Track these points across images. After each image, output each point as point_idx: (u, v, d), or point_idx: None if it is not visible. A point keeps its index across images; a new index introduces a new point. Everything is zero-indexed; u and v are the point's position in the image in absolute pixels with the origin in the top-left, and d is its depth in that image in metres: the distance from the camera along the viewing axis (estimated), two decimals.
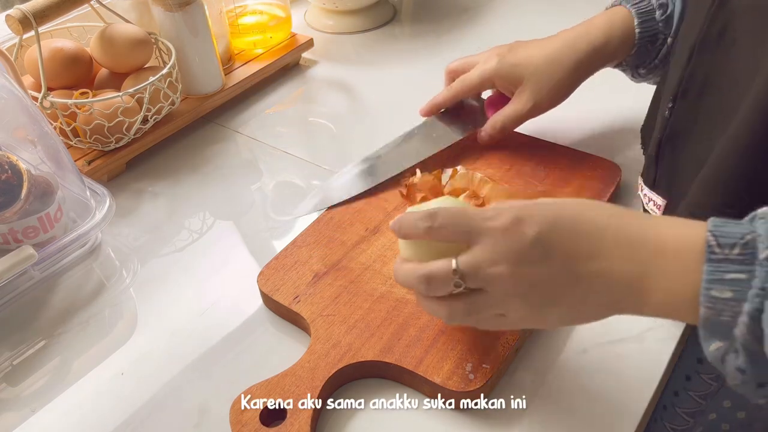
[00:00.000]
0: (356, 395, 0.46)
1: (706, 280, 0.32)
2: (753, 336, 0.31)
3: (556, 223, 0.37)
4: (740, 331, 0.32)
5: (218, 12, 0.77)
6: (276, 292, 0.51)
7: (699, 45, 0.44)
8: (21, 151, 0.58)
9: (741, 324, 0.32)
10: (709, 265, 0.32)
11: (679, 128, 0.47)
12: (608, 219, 0.37)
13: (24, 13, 0.59)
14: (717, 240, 0.32)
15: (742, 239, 0.32)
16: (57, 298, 0.56)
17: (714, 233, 0.33)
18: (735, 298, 0.32)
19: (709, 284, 0.32)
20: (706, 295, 0.32)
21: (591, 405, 0.45)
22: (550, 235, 0.37)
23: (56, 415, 0.47)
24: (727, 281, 0.32)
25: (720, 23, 0.42)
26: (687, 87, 0.45)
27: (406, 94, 0.81)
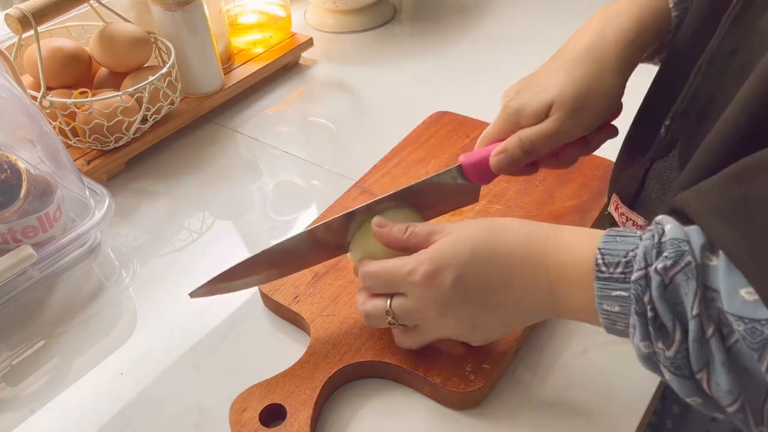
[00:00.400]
0: (356, 395, 0.46)
1: (597, 296, 0.35)
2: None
3: (468, 264, 0.40)
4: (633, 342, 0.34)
5: (218, 11, 0.77)
6: (276, 292, 0.51)
7: (707, 63, 0.42)
8: (20, 150, 0.58)
9: (631, 335, 0.34)
10: (597, 283, 0.35)
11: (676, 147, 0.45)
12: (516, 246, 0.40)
13: (23, 13, 0.59)
14: (603, 259, 0.35)
15: (625, 257, 0.34)
16: (56, 297, 0.56)
17: (602, 251, 0.35)
18: (623, 312, 0.34)
19: (600, 300, 0.35)
20: (600, 309, 0.35)
21: (591, 405, 0.45)
22: (465, 278, 0.40)
23: (56, 415, 0.47)
24: (613, 297, 0.34)
25: (732, 44, 0.40)
26: (688, 107, 0.43)
27: (406, 94, 0.81)
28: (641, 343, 0.33)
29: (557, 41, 0.93)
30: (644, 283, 0.32)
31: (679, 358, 0.31)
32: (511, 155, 0.47)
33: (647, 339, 0.32)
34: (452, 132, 0.68)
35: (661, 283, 0.31)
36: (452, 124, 0.69)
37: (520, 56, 0.87)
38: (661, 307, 0.31)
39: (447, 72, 0.84)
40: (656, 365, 0.33)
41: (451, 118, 0.70)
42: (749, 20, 0.39)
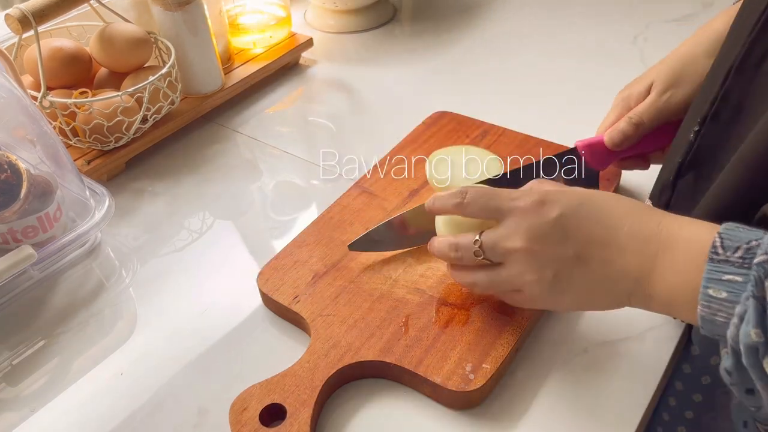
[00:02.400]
0: (356, 395, 0.46)
1: (706, 278, 0.33)
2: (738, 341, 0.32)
3: (578, 209, 0.40)
4: (731, 333, 0.32)
5: (218, 11, 0.77)
6: (276, 292, 0.51)
7: (737, 67, 0.41)
8: (20, 150, 0.57)
9: (732, 326, 0.32)
10: (709, 264, 0.33)
11: (705, 154, 0.44)
12: (627, 213, 0.39)
13: (23, 13, 0.59)
14: (722, 242, 0.33)
15: (747, 244, 0.33)
16: (56, 297, 0.56)
17: (722, 235, 0.34)
18: (729, 300, 0.32)
19: (707, 282, 0.33)
20: (704, 294, 0.33)
21: (591, 405, 0.45)
22: (570, 219, 0.40)
23: (56, 414, 0.47)
24: (723, 282, 0.33)
25: (762, 47, 0.40)
26: (719, 110, 0.43)
27: (406, 94, 0.81)
28: (753, 331, 0.30)
29: (557, 41, 0.94)
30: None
31: None
32: (621, 129, 0.53)
33: (761, 326, 0.30)
34: (452, 132, 0.68)
35: None
36: (452, 124, 0.69)
37: (520, 56, 0.87)
38: None
39: (447, 72, 0.84)
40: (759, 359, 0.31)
41: (451, 118, 0.70)
42: None
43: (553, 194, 0.41)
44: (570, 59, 0.85)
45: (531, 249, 0.40)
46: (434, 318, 0.48)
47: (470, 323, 0.48)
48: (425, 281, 0.51)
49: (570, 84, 0.80)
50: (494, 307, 0.49)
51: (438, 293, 0.50)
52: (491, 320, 0.48)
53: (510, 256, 0.42)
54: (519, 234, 0.41)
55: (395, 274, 0.52)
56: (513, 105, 0.77)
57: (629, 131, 0.53)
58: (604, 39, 0.88)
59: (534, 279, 0.41)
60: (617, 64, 0.83)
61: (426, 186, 0.60)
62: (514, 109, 0.75)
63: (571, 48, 0.87)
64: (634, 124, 0.53)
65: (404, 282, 0.51)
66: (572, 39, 0.89)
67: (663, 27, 0.89)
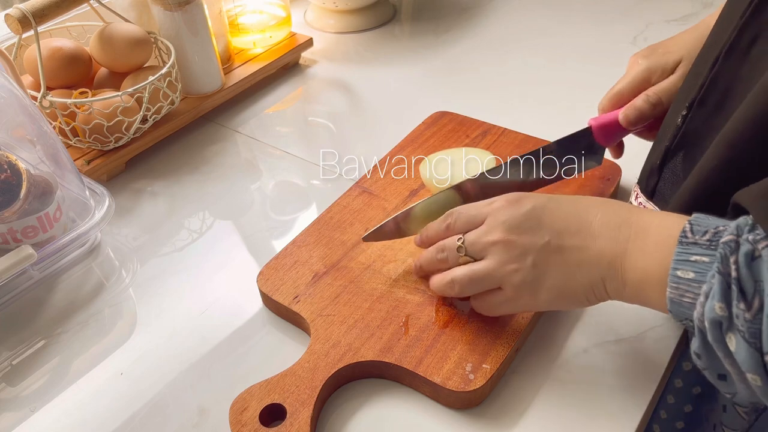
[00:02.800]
0: (356, 395, 0.46)
1: (674, 260, 0.34)
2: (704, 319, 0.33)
3: (549, 201, 0.43)
4: (697, 313, 0.33)
5: (218, 11, 0.77)
6: (276, 292, 0.51)
7: (726, 52, 0.42)
8: (20, 150, 0.57)
9: (698, 305, 0.33)
10: (679, 247, 0.34)
11: (692, 138, 0.45)
12: (598, 205, 0.41)
13: (23, 13, 0.59)
14: (692, 227, 0.35)
15: (715, 229, 0.34)
16: (56, 297, 0.56)
17: (692, 222, 0.35)
18: (696, 280, 0.33)
19: (676, 264, 0.34)
20: (672, 275, 0.34)
21: (591, 405, 0.45)
22: (543, 210, 0.42)
23: (55, 415, 0.47)
24: (691, 262, 0.34)
25: (752, 33, 0.40)
26: (706, 95, 0.43)
27: (406, 94, 0.81)
28: (717, 304, 0.32)
29: (557, 41, 0.94)
30: (734, 246, 0.32)
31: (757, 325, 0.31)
32: (638, 108, 0.51)
33: (725, 300, 0.31)
34: (452, 132, 0.68)
35: (750, 252, 0.31)
36: (452, 124, 0.69)
37: (520, 56, 0.87)
38: (745, 273, 0.31)
39: (446, 72, 0.84)
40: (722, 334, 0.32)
41: (450, 118, 0.70)
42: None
43: (526, 194, 0.44)
44: (570, 59, 0.85)
45: (508, 239, 0.42)
46: (434, 318, 0.48)
47: (470, 323, 0.48)
48: (425, 281, 0.51)
49: (570, 84, 0.80)
50: None
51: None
52: (491, 320, 0.48)
53: (490, 248, 0.43)
54: (497, 227, 0.43)
55: (395, 274, 0.52)
56: (513, 105, 0.77)
57: (646, 110, 0.51)
58: (604, 39, 0.88)
59: (514, 268, 0.42)
60: (617, 64, 0.82)
61: (425, 186, 0.60)
62: (514, 108, 0.75)
63: (571, 48, 0.87)
64: (652, 104, 0.50)
65: (404, 282, 0.51)
66: (572, 39, 0.89)
67: (663, 27, 0.89)
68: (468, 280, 0.45)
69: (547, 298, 0.42)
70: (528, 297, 0.43)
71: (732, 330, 0.32)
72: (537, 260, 0.41)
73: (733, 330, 0.31)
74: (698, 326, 0.33)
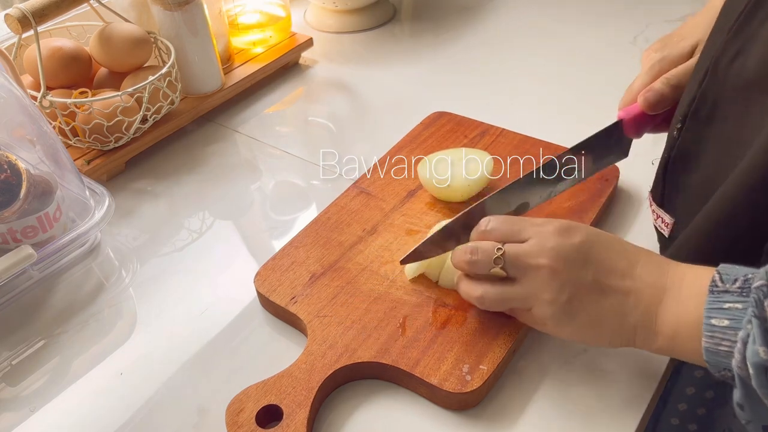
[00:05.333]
0: (353, 397, 0.47)
1: (707, 309, 0.34)
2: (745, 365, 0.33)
3: (600, 237, 0.42)
4: (736, 361, 0.33)
5: (218, 11, 0.77)
6: (273, 292, 0.51)
7: (714, 64, 0.41)
8: (20, 150, 0.58)
9: (737, 353, 0.33)
10: (710, 296, 0.35)
11: (688, 150, 0.45)
12: (640, 249, 0.42)
13: (23, 12, 0.59)
14: (721, 276, 0.35)
15: (745, 276, 0.34)
16: (56, 297, 0.56)
17: (720, 271, 0.35)
18: (731, 327, 0.33)
19: (709, 312, 0.34)
20: (707, 324, 0.34)
21: (590, 406, 0.45)
22: (593, 246, 0.41)
23: (55, 414, 0.47)
24: (725, 310, 0.34)
25: (736, 46, 0.40)
26: (698, 107, 0.43)
27: (406, 94, 0.81)
28: (761, 349, 0.31)
29: (557, 41, 0.94)
30: (766, 290, 0.32)
31: None
32: (657, 90, 0.48)
33: (765, 344, 0.31)
34: (450, 132, 0.68)
35: None
36: (450, 124, 0.69)
37: (520, 56, 0.87)
38: None
39: (446, 72, 0.84)
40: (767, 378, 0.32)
41: (449, 118, 0.70)
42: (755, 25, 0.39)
43: (577, 224, 0.43)
44: (570, 59, 0.85)
45: (554, 268, 0.41)
46: (431, 319, 0.48)
47: (467, 324, 0.48)
48: (423, 282, 0.51)
49: (569, 84, 0.79)
50: None
51: (435, 294, 0.50)
52: (488, 321, 0.48)
53: (531, 272, 0.42)
54: (544, 253, 0.41)
55: (392, 275, 0.52)
56: (512, 105, 0.77)
57: (667, 92, 0.48)
58: (604, 39, 0.88)
59: (548, 299, 0.41)
60: (617, 63, 0.83)
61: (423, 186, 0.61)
62: (513, 109, 0.75)
63: (570, 48, 0.87)
64: (672, 86, 0.48)
65: (401, 283, 0.51)
66: (572, 39, 0.89)
67: (663, 27, 0.89)
68: (499, 301, 0.44)
69: (571, 332, 0.42)
70: (553, 327, 0.43)
71: None
72: (574, 296, 0.41)
73: None
74: (738, 374, 0.33)
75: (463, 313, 0.49)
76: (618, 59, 0.84)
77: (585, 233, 0.42)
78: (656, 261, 0.41)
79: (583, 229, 0.43)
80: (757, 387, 0.32)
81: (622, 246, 0.42)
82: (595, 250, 0.41)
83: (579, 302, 0.41)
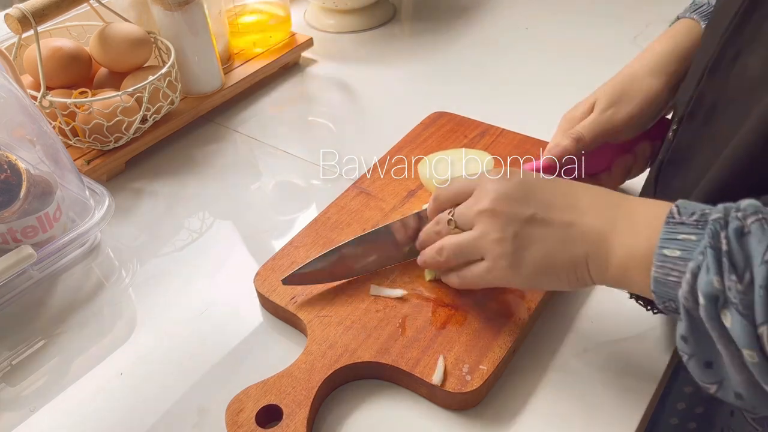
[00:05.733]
0: (352, 397, 0.47)
1: (661, 239, 0.35)
2: (693, 297, 0.33)
3: (539, 177, 0.44)
4: (683, 291, 0.33)
5: (218, 11, 0.77)
6: (273, 292, 0.51)
7: (710, 68, 0.42)
8: (20, 150, 0.58)
9: (684, 283, 0.33)
10: (666, 227, 0.35)
11: (683, 152, 0.45)
12: (587, 188, 0.42)
13: (23, 12, 0.59)
14: (678, 209, 0.35)
15: (702, 210, 0.34)
16: (56, 297, 0.56)
17: (678, 205, 0.36)
18: (682, 257, 0.34)
19: (662, 243, 0.35)
20: (658, 254, 0.35)
21: (590, 405, 0.45)
22: (533, 183, 0.43)
23: (55, 414, 0.47)
24: (678, 240, 0.34)
25: (735, 47, 0.40)
26: (694, 109, 0.44)
27: (406, 94, 0.81)
28: (714, 278, 0.32)
29: (556, 41, 0.94)
30: (723, 223, 0.32)
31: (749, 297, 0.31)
32: (562, 145, 0.53)
33: (719, 273, 0.32)
34: (450, 132, 0.68)
35: (739, 228, 0.32)
36: (450, 124, 0.69)
37: (520, 57, 0.87)
38: (736, 246, 0.31)
39: (446, 72, 0.84)
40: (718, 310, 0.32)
41: (449, 119, 0.70)
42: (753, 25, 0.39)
43: (516, 168, 0.45)
44: (570, 59, 0.85)
45: (494, 209, 0.42)
46: (431, 319, 0.48)
47: (467, 324, 0.48)
48: (422, 282, 0.51)
49: (569, 84, 0.79)
50: (492, 307, 0.49)
51: (435, 294, 0.50)
52: (488, 321, 0.48)
53: (476, 218, 0.44)
54: (485, 197, 0.43)
55: (392, 275, 0.52)
56: (512, 105, 0.77)
57: (569, 146, 0.53)
58: (604, 39, 0.88)
59: (496, 238, 0.42)
60: (617, 63, 0.82)
61: (423, 186, 0.61)
62: (512, 109, 0.75)
63: (570, 48, 0.87)
64: (573, 139, 0.53)
65: (401, 283, 0.51)
66: (572, 39, 0.89)
67: (663, 27, 0.88)
68: (455, 247, 0.45)
69: (527, 273, 0.42)
70: (507, 270, 0.43)
71: (727, 306, 0.31)
72: (520, 232, 0.42)
73: (728, 305, 0.31)
74: (684, 306, 0.33)
75: (463, 313, 0.49)
76: (618, 59, 0.83)
77: (525, 174, 0.44)
78: (605, 194, 0.41)
79: (522, 172, 0.44)
80: (704, 317, 0.32)
81: (567, 184, 0.43)
82: (535, 186, 0.43)
83: (526, 237, 0.41)
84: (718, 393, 0.35)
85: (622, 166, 0.56)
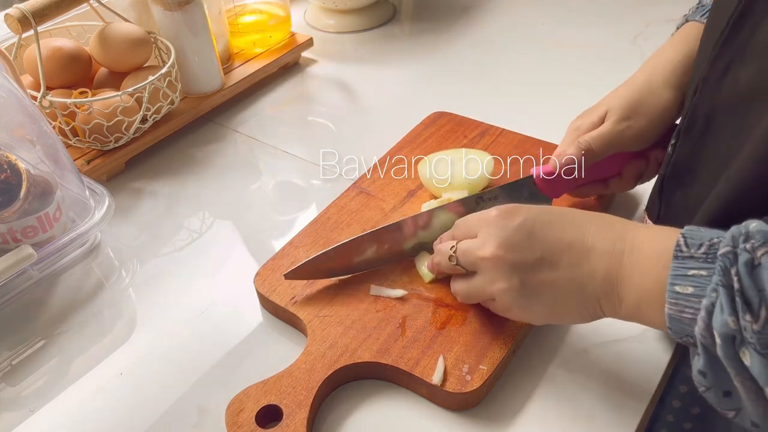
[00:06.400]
0: (352, 397, 0.47)
1: (671, 275, 0.34)
2: (709, 335, 0.32)
3: (541, 215, 0.42)
4: (699, 329, 0.33)
5: (218, 11, 0.77)
6: (273, 292, 0.51)
7: (703, 81, 0.41)
8: (20, 150, 0.58)
9: (699, 320, 0.32)
10: (674, 262, 0.34)
11: (682, 166, 0.45)
12: (590, 219, 0.41)
13: (23, 12, 0.59)
14: (686, 240, 0.34)
15: (710, 241, 0.33)
16: (56, 297, 0.56)
17: (685, 235, 0.34)
18: (695, 294, 0.33)
19: (673, 279, 0.34)
20: (670, 291, 0.34)
21: (591, 405, 0.45)
22: (535, 224, 0.41)
23: (55, 414, 0.47)
24: (689, 277, 0.33)
25: (724, 62, 0.40)
26: (691, 123, 0.43)
27: (406, 94, 0.81)
28: (729, 318, 0.31)
29: (557, 41, 0.94)
30: (732, 257, 0.31)
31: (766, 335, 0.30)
32: (569, 154, 0.52)
33: (734, 314, 0.31)
34: (450, 132, 0.68)
35: (749, 261, 0.31)
36: (450, 124, 0.69)
37: (520, 57, 0.87)
38: (747, 283, 0.31)
39: (446, 72, 0.84)
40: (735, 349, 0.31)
41: (449, 119, 0.70)
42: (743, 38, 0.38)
43: (517, 206, 0.43)
44: (570, 59, 0.85)
45: (497, 256, 0.41)
46: (431, 319, 0.48)
47: (467, 324, 0.48)
48: (421, 282, 0.51)
49: (569, 84, 0.79)
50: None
51: (435, 294, 0.50)
52: (488, 321, 0.48)
53: (480, 264, 0.43)
54: (488, 243, 0.42)
55: (392, 275, 0.52)
56: (512, 105, 0.77)
57: (576, 156, 0.52)
58: (604, 38, 0.88)
59: (503, 287, 0.42)
60: (617, 63, 0.83)
61: (423, 186, 0.61)
62: (512, 109, 0.75)
63: (570, 48, 0.87)
64: (581, 150, 0.52)
65: (401, 283, 0.51)
66: (572, 39, 0.89)
67: (663, 27, 0.89)
68: (465, 294, 0.46)
69: (539, 316, 0.42)
70: (520, 312, 0.43)
71: (745, 344, 0.31)
72: (525, 279, 0.41)
73: (746, 344, 0.31)
74: (702, 342, 0.33)
75: (463, 313, 0.49)
76: (618, 59, 0.84)
77: (525, 213, 0.42)
78: (609, 224, 0.40)
79: (524, 210, 0.42)
80: (722, 356, 0.32)
81: (566, 218, 0.41)
82: (537, 226, 0.41)
83: (533, 284, 0.41)
84: (736, 419, 0.34)
85: (634, 171, 0.55)
